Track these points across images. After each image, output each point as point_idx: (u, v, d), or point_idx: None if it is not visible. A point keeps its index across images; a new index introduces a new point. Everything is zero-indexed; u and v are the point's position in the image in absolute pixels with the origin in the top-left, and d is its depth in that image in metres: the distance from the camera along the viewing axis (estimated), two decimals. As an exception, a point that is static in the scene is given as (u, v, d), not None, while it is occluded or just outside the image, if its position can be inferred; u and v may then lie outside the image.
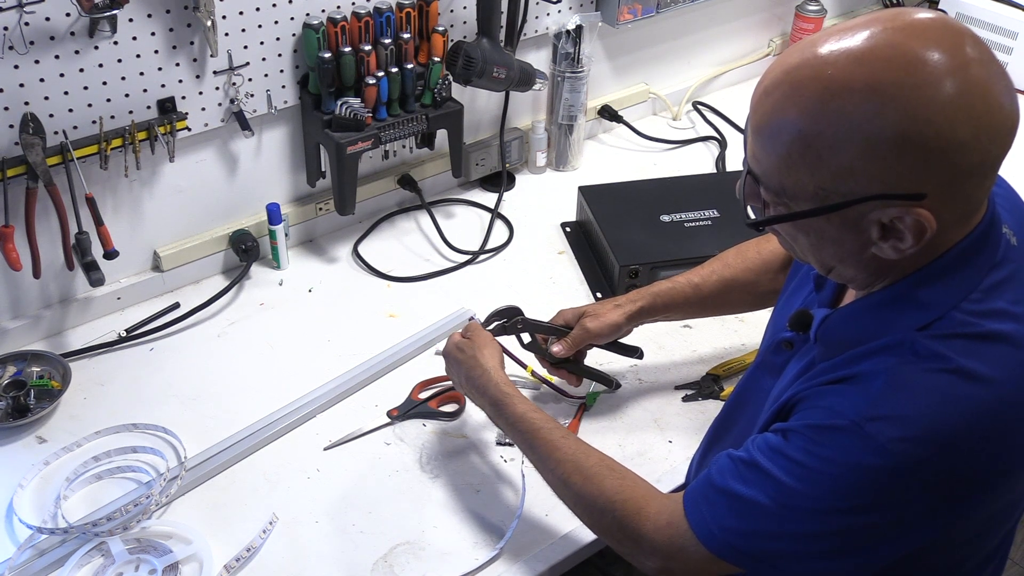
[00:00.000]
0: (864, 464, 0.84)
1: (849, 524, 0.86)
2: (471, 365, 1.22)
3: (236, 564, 1.16)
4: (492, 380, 1.19)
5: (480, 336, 1.25)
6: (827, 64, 0.81)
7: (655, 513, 0.99)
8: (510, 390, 1.18)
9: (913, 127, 0.78)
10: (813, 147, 0.82)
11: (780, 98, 0.84)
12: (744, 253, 1.34)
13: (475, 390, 1.21)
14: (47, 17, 1.26)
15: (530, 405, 1.16)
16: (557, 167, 1.97)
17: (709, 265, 1.34)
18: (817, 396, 0.90)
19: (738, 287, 1.32)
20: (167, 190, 1.52)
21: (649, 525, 0.99)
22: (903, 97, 0.78)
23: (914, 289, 0.88)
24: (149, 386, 1.41)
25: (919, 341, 0.86)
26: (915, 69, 0.78)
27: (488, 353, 1.22)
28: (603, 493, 1.04)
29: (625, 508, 1.01)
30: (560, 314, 1.36)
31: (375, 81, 1.54)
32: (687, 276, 1.34)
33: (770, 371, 1.07)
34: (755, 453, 0.92)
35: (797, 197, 0.86)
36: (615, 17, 1.87)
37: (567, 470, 1.08)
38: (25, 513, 1.20)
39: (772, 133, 0.85)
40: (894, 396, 0.84)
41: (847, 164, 0.81)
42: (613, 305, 1.33)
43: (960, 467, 0.84)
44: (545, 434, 1.11)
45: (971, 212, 0.86)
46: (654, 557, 0.98)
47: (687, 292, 1.32)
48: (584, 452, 1.09)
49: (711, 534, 0.93)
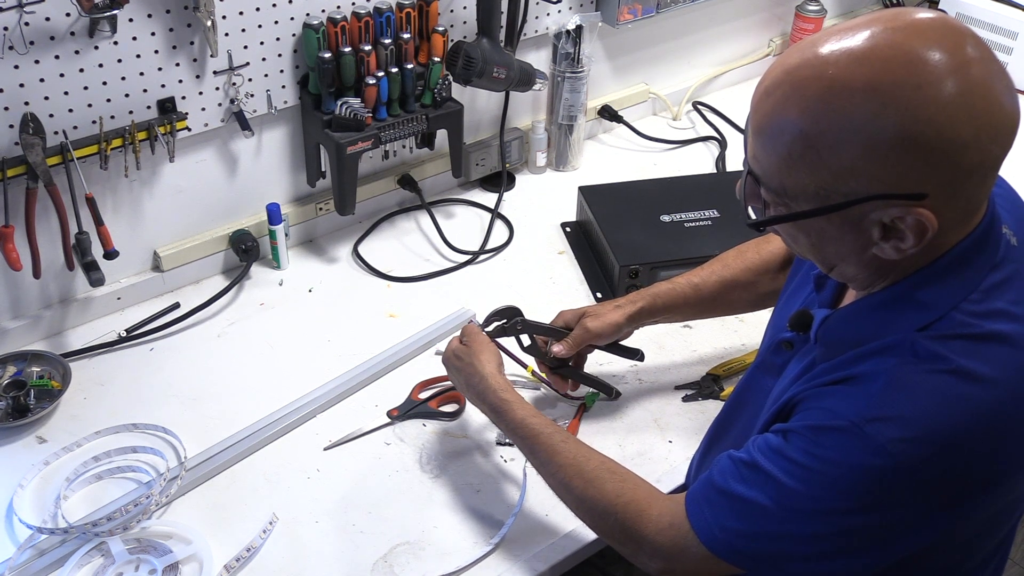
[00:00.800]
0: (864, 465, 0.84)
1: (850, 525, 0.86)
2: (469, 372, 1.22)
3: (236, 564, 1.16)
4: (490, 387, 1.19)
5: (477, 341, 1.25)
6: (828, 64, 0.81)
7: (657, 515, 0.99)
8: (509, 396, 1.17)
9: (915, 127, 0.78)
10: (814, 147, 0.82)
11: (781, 98, 0.84)
12: (744, 254, 1.34)
13: (475, 396, 1.22)
14: (47, 17, 1.26)
15: (530, 410, 1.16)
16: (557, 167, 1.97)
17: (709, 266, 1.34)
18: (817, 397, 0.91)
19: (738, 288, 1.32)
20: (167, 190, 1.52)
21: (651, 527, 0.99)
22: (905, 97, 0.78)
23: (914, 290, 0.88)
24: (149, 386, 1.41)
25: (919, 342, 0.86)
26: (916, 69, 0.78)
27: (485, 359, 1.22)
28: (605, 496, 1.04)
29: (627, 511, 1.01)
30: (560, 315, 1.36)
31: (375, 81, 1.54)
32: (687, 277, 1.34)
33: (770, 371, 1.07)
34: (756, 454, 0.92)
35: (798, 197, 0.86)
36: (615, 17, 1.87)
37: (568, 474, 1.08)
38: (25, 513, 1.20)
39: (773, 133, 0.85)
40: (894, 397, 0.85)
41: (848, 164, 0.81)
42: (613, 306, 1.33)
43: (960, 467, 0.84)
44: (545, 439, 1.12)
45: (971, 212, 0.86)
46: (656, 559, 0.99)
47: (687, 293, 1.32)
48: (584, 455, 1.09)
49: (713, 535, 0.93)
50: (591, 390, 1.39)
